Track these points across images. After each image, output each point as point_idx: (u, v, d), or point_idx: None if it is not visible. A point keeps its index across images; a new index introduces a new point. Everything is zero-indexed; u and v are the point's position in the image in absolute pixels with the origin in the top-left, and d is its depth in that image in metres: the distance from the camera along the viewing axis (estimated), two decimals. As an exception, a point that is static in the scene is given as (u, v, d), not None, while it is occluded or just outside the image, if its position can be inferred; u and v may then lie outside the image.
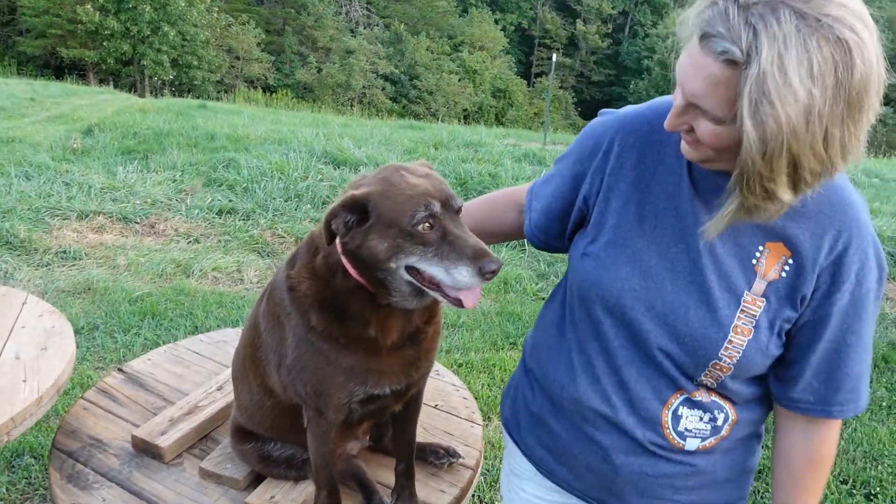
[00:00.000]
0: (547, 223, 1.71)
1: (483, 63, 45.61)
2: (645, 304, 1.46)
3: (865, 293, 1.38)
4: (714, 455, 1.56)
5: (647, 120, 1.52)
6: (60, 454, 2.13)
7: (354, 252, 1.53)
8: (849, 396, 1.46)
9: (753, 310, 1.39)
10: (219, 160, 9.22)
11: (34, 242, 6.41)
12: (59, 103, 16.63)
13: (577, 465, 1.64)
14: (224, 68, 37.78)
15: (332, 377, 1.67)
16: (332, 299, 1.64)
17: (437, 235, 1.46)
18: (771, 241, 1.38)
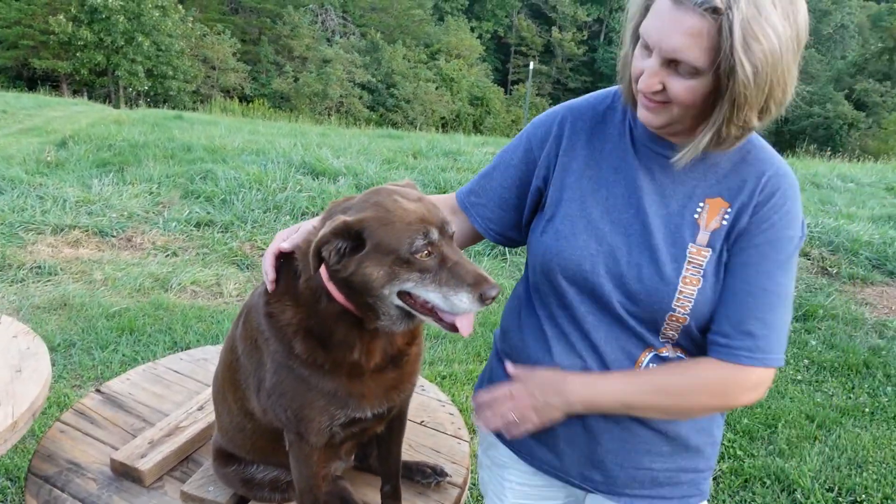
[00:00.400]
0: (502, 214, 1.78)
1: (460, 71, 45.80)
2: (603, 267, 1.55)
3: (786, 239, 1.49)
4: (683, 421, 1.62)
5: (591, 106, 1.68)
6: (37, 479, 2.07)
7: (346, 279, 1.49)
8: (759, 344, 1.48)
9: (699, 260, 1.50)
10: (196, 172, 9.12)
11: (8, 258, 6.29)
12: (32, 115, 16.42)
13: (558, 443, 1.69)
14: (200, 78, 37.59)
15: (313, 402, 1.64)
16: (317, 325, 1.60)
17: (436, 262, 1.45)
18: (710, 197, 1.52)
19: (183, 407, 2.38)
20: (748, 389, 1.52)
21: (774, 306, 1.49)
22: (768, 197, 1.49)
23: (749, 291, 1.49)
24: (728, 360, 1.50)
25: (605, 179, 1.60)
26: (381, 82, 42.28)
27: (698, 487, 1.69)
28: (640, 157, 1.58)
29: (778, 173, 1.51)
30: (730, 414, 4.28)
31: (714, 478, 3.68)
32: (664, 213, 1.54)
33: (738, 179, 1.51)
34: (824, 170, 12.78)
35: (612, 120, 1.64)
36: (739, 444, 3.96)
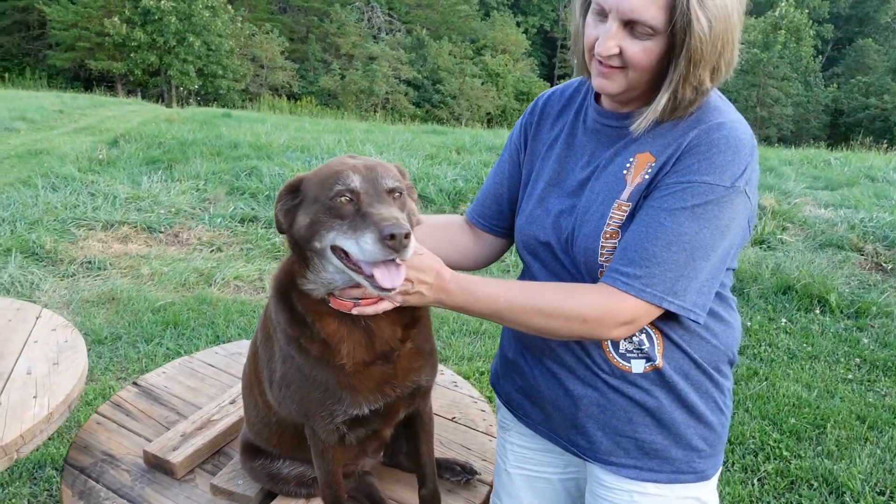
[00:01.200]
0: (499, 209, 1.90)
1: (506, 66, 45.55)
2: (553, 238, 1.65)
3: (702, 185, 1.44)
4: (660, 391, 1.61)
5: (561, 90, 1.82)
6: (73, 470, 2.11)
7: (290, 232, 1.55)
8: (638, 273, 1.46)
9: (619, 215, 1.53)
10: (242, 168, 9.25)
11: (60, 253, 6.46)
12: (87, 115, 16.82)
13: (546, 404, 1.76)
14: (249, 77, 38.11)
15: (311, 394, 1.64)
16: (297, 298, 1.61)
17: (354, 209, 1.43)
18: (640, 152, 1.54)
19: (215, 400, 2.40)
20: (620, 323, 1.49)
21: (670, 244, 1.45)
22: (693, 146, 1.47)
23: (646, 223, 1.48)
24: (608, 283, 1.49)
25: (559, 155, 1.71)
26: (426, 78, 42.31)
27: (692, 466, 1.66)
28: (588, 131, 1.67)
29: (714, 127, 1.47)
30: (776, 413, 4.16)
31: (759, 479, 3.58)
32: (601, 176, 1.59)
33: (671, 136, 1.51)
34: (880, 163, 12.33)
35: (574, 101, 1.76)
36: (786, 445, 3.85)
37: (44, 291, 5.71)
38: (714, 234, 1.46)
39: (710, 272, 1.49)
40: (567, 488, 1.92)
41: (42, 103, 17.47)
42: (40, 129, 13.72)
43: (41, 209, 7.47)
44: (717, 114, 1.50)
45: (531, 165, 1.80)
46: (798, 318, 5.67)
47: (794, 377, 4.70)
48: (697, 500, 1.68)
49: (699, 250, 1.45)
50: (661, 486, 1.66)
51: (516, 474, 1.94)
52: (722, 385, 1.69)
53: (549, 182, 1.71)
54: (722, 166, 1.44)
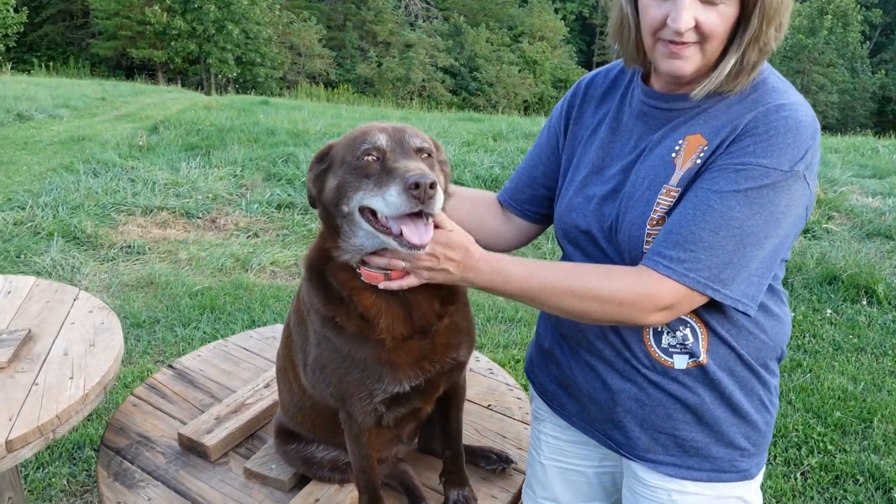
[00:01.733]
0: (533, 193, 1.83)
1: (543, 53, 45.18)
2: (595, 226, 1.57)
3: (758, 168, 1.35)
4: (703, 388, 1.54)
5: (605, 72, 1.73)
6: (108, 451, 2.12)
7: (320, 200, 1.54)
8: (682, 256, 1.38)
9: (667, 201, 1.45)
10: (278, 155, 9.29)
11: (100, 238, 6.55)
12: (129, 102, 17.06)
13: (582, 396, 1.69)
14: (286, 65, 38.35)
15: (349, 374, 1.61)
16: (329, 272, 1.59)
17: (380, 166, 1.42)
18: (691, 134, 1.45)
19: (249, 384, 2.39)
20: (659, 308, 1.41)
21: (718, 228, 1.36)
22: (750, 128, 1.38)
23: (694, 205, 1.39)
24: (648, 266, 1.42)
25: (603, 142, 1.63)
26: (463, 66, 42.15)
27: (734, 465, 1.58)
28: (635, 115, 1.59)
29: (773, 109, 1.38)
30: (820, 406, 4.05)
31: (802, 472, 3.48)
32: (648, 159, 1.51)
33: (726, 118, 1.43)
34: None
35: (620, 84, 1.67)
36: (830, 439, 3.74)
37: (84, 275, 5.79)
38: (768, 220, 1.37)
39: (762, 262, 1.40)
40: (602, 482, 1.87)
41: (85, 91, 17.76)
42: (83, 116, 13.94)
43: (83, 194, 7.58)
44: (776, 95, 1.41)
45: (572, 151, 1.72)
46: (844, 309, 5.52)
47: (840, 369, 4.57)
48: (740, 499, 1.61)
49: (750, 237, 1.37)
50: (701, 485, 1.59)
51: (550, 466, 1.89)
52: (768, 382, 1.61)
53: (592, 169, 1.63)
54: (780, 149, 1.35)
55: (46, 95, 15.44)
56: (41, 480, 3.28)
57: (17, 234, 6.52)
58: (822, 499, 3.30)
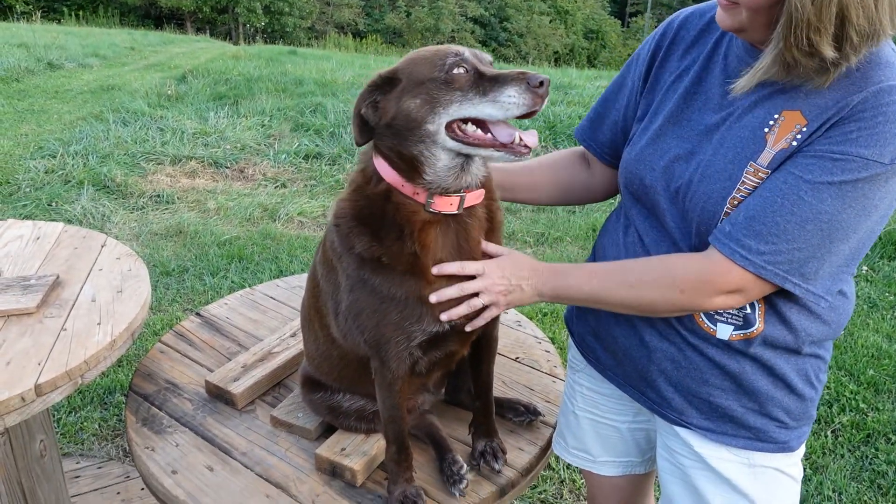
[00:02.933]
0: (613, 138, 1.72)
1: (575, 3, 44.24)
2: (661, 184, 1.48)
3: (857, 159, 1.23)
4: (746, 359, 1.47)
5: (699, 11, 1.56)
6: (137, 397, 2.13)
7: (389, 126, 1.45)
8: (762, 249, 1.30)
9: (754, 181, 1.34)
10: (306, 105, 9.24)
11: (130, 186, 6.58)
12: (157, 52, 17.04)
13: (618, 351, 1.65)
14: (315, 14, 37.97)
15: (387, 317, 1.57)
16: (366, 209, 1.55)
17: (473, 77, 1.39)
18: (789, 109, 1.31)
19: (276, 333, 2.38)
20: (724, 292, 1.36)
21: (805, 222, 1.26)
22: (858, 111, 1.23)
23: (783, 193, 1.28)
24: (724, 252, 1.34)
25: (687, 91, 1.50)
26: (493, 16, 41.44)
27: (771, 436, 1.52)
28: (728, 69, 1.44)
29: (886, 90, 1.22)
30: (853, 364, 3.97)
31: (832, 430, 3.44)
32: (735, 127, 1.38)
33: (831, 96, 1.27)
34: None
35: (715, 28, 1.50)
36: (863, 397, 3.68)
37: (114, 224, 5.84)
38: (859, 213, 1.26)
39: (847, 255, 1.32)
40: (636, 439, 1.83)
41: (114, 40, 17.76)
42: (112, 66, 13.95)
43: (112, 143, 7.62)
44: (888, 73, 1.24)
45: (652, 96, 1.59)
46: (880, 266, 5.39)
47: (874, 327, 4.48)
48: (777, 470, 1.54)
49: (838, 231, 1.27)
50: (736, 451, 1.54)
51: (584, 417, 1.87)
52: (822, 357, 1.53)
53: (669, 119, 1.51)
54: (886, 139, 1.22)
55: (76, 44, 15.46)
56: (73, 424, 3.34)
57: (49, 182, 6.57)
58: (853, 457, 3.26)
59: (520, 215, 6.46)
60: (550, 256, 5.52)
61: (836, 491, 3.05)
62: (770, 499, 1.55)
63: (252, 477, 1.81)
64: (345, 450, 1.86)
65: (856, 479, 3.14)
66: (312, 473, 1.83)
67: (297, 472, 1.83)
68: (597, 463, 1.91)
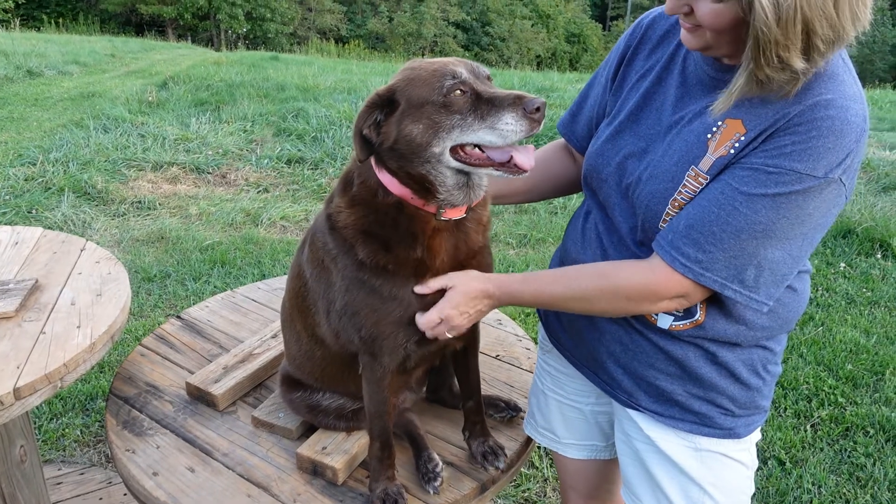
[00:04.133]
0: (589, 132, 1.76)
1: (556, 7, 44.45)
2: (615, 179, 1.54)
3: (791, 173, 1.27)
4: (689, 346, 1.52)
5: (665, 16, 1.59)
6: (117, 400, 2.12)
7: (392, 149, 1.46)
8: (700, 257, 1.35)
9: (694, 185, 1.39)
10: (288, 110, 9.23)
11: (111, 193, 6.55)
12: (138, 58, 16.96)
13: (574, 331, 1.73)
14: (297, 20, 37.93)
15: (388, 315, 1.59)
16: (376, 222, 1.55)
17: (471, 99, 1.40)
18: (732, 117, 1.35)
19: (257, 335, 2.39)
20: (667, 298, 1.42)
21: (739, 232, 1.31)
22: (793, 124, 1.27)
23: (719, 204, 1.33)
24: (665, 260, 1.39)
25: (646, 91, 1.55)
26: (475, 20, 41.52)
27: (715, 422, 1.57)
28: (685, 72, 1.49)
29: (821, 105, 1.25)
30: (831, 359, 4.02)
31: (812, 424, 3.48)
32: (683, 131, 1.43)
33: (771, 107, 1.30)
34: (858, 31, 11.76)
35: (678, 31, 1.53)
36: (841, 391, 3.72)
37: (95, 230, 5.81)
38: (793, 223, 1.30)
39: (788, 261, 1.35)
40: (599, 422, 1.89)
41: (94, 47, 17.65)
42: (93, 73, 13.88)
43: (93, 150, 7.57)
44: (830, 86, 1.28)
45: (619, 94, 1.65)
46: (858, 263, 5.46)
47: (852, 323, 4.54)
48: (724, 455, 1.59)
49: (773, 240, 1.32)
50: (683, 435, 1.59)
51: (551, 397, 1.93)
52: (771, 349, 1.57)
53: (629, 116, 1.57)
54: (818, 153, 1.25)
55: (56, 52, 15.36)
56: (55, 431, 3.32)
57: (29, 189, 6.53)
58: (832, 450, 3.30)
59: (502, 217, 6.49)
60: (533, 258, 5.54)
61: (816, 484, 3.09)
62: (717, 482, 1.60)
63: (233, 477, 1.81)
64: (326, 448, 1.86)
65: (835, 472, 3.18)
66: (294, 473, 1.84)
67: (278, 471, 1.84)
68: (562, 444, 1.96)
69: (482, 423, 1.92)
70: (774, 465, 3.19)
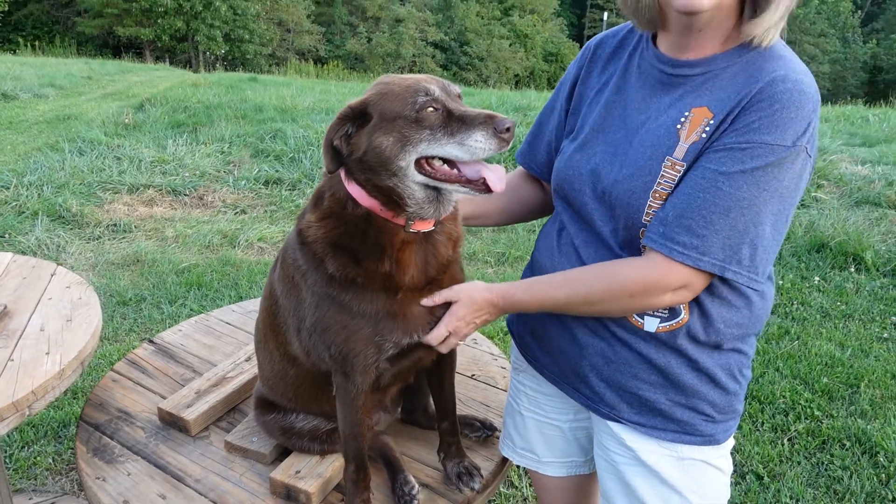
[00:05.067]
0: (548, 158, 1.82)
1: (534, 27, 44.87)
2: (589, 186, 1.58)
3: (763, 146, 1.35)
4: (672, 352, 1.55)
5: (614, 33, 1.71)
6: (87, 427, 2.09)
7: (361, 161, 1.47)
8: (696, 243, 1.39)
9: (672, 174, 1.44)
10: (266, 131, 9.22)
11: (86, 216, 6.49)
12: (115, 81, 16.87)
13: (553, 348, 1.73)
14: (275, 41, 37.97)
15: (358, 332, 1.58)
16: (345, 234, 1.56)
17: (442, 116, 1.43)
18: (696, 106, 1.44)
19: (231, 358, 2.37)
20: (670, 290, 1.44)
21: (728, 211, 1.37)
22: (756, 101, 1.37)
23: (703, 188, 1.39)
24: (662, 252, 1.42)
25: (608, 102, 1.62)
26: (454, 40, 41.80)
27: (697, 429, 1.60)
28: (642, 76, 1.57)
29: (778, 80, 1.36)
30: (807, 372, 4.06)
31: (789, 438, 3.50)
32: (651, 128, 1.50)
33: (732, 89, 1.41)
34: None
35: (628, 44, 1.65)
36: (817, 405, 3.75)
37: (70, 254, 5.75)
38: (773, 196, 1.37)
39: (770, 236, 1.41)
40: (578, 438, 1.89)
41: (71, 70, 17.55)
42: (69, 96, 13.79)
43: (68, 173, 7.51)
44: (781, 63, 1.40)
45: (577, 111, 1.71)
46: (832, 277, 5.52)
47: (827, 336, 4.58)
48: (705, 462, 1.62)
49: (759, 215, 1.38)
50: (665, 444, 1.61)
51: (529, 417, 1.92)
52: (745, 352, 1.62)
53: (595, 127, 1.62)
54: (784, 124, 1.34)
55: (32, 75, 15.26)
56: (26, 459, 3.26)
57: (2, 213, 6.46)
58: (809, 464, 3.32)
59: (480, 235, 6.50)
60: (511, 276, 5.55)
61: (794, 498, 3.10)
62: (698, 490, 1.62)
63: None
64: (299, 472, 1.84)
65: (812, 486, 3.19)
66: (267, 498, 1.82)
67: (251, 497, 1.82)
68: (542, 463, 1.95)
69: (457, 444, 1.91)
70: (753, 480, 3.20)
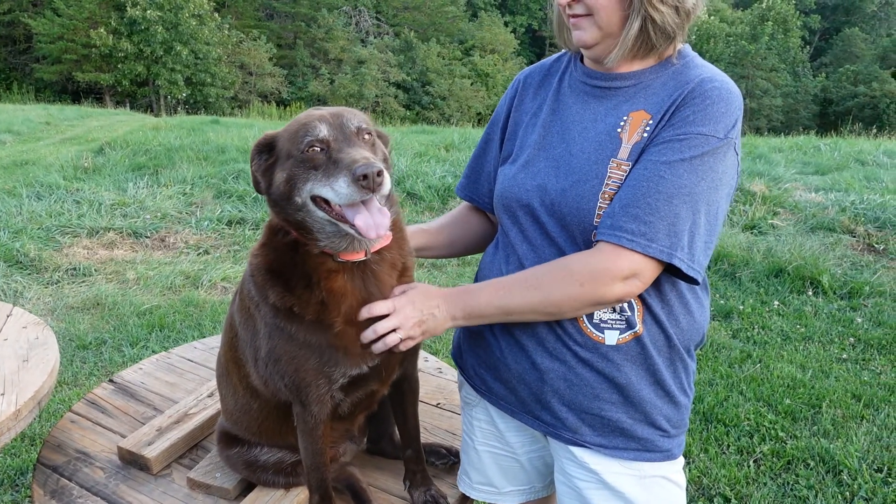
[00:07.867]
0: (489, 188, 1.86)
1: (495, 66, 45.52)
2: (537, 200, 1.61)
3: (698, 136, 1.45)
4: (631, 367, 1.57)
5: (541, 64, 1.82)
6: (45, 469, 2.04)
7: (271, 194, 1.53)
8: (643, 229, 1.43)
9: (619, 174, 1.50)
10: (229, 172, 9.19)
11: (44, 261, 6.38)
12: (74, 126, 16.73)
13: (511, 378, 1.70)
14: (237, 84, 37.97)
15: (306, 363, 1.58)
16: (277, 261, 1.59)
17: (325, 157, 1.44)
18: (634, 110, 1.54)
19: (193, 394, 2.34)
20: (620, 279, 1.47)
21: (671, 198, 1.43)
22: (689, 99, 1.48)
23: (647, 178, 1.46)
24: (611, 241, 1.46)
25: (545, 122, 1.68)
26: (416, 81, 42.24)
27: (656, 445, 1.63)
28: (575, 93, 1.66)
29: (707, 80, 1.49)
30: (770, 395, 4.11)
31: (755, 460, 3.53)
32: (591, 136, 1.57)
33: (664, 93, 1.53)
34: (869, 147, 12.38)
35: (556, 70, 1.76)
36: (781, 426, 3.80)
37: (27, 299, 5.63)
38: (710, 185, 1.45)
39: (705, 228, 1.47)
40: (535, 466, 1.88)
41: (29, 115, 17.38)
42: (27, 141, 13.63)
43: (25, 218, 7.40)
44: (706, 69, 1.54)
45: (514, 136, 1.77)
46: (791, 300, 5.63)
47: (788, 358, 4.66)
48: (665, 478, 1.65)
49: (699, 203, 1.45)
50: (627, 464, 1.63)
51: (484, 452, 1.89)
52: (689, 366, 1.67)
53: (535, 146, 1.67)
54: (716, 117, 1.46)
55: (-12, 121, 15.06)
56: (-18, 509, 3.16)
57: (-43, 260, 6.32)
58: (775, 484, 3.35)
59: (445, 269, 6.52)
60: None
61: (762, 519, 3.12)
62: None
63: (167, 541, 1.75)
64: (264, 506, 1.82)
65: (779, 506, 3.22)
66: (231, 533, 1.79)
67: (214, 533, 1.79)
68: (502, 494, 1.93)
69: (423, 472, 1.90)
70: (720, 503, 3.22)
